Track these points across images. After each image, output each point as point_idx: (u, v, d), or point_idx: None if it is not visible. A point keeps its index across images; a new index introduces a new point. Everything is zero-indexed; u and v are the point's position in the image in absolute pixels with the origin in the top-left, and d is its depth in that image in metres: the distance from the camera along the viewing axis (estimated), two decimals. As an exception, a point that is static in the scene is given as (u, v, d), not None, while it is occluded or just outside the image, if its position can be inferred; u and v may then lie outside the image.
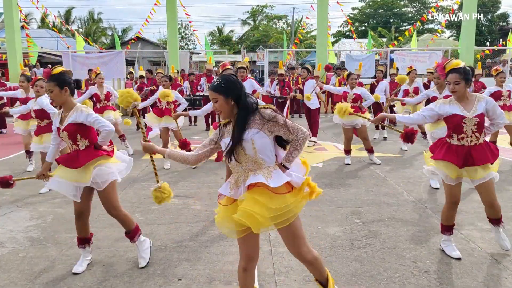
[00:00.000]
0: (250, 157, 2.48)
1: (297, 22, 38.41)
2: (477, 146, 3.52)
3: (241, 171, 2.54)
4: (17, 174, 6.80)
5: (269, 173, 2.47)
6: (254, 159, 2.48)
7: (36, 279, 3.36)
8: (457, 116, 3.52)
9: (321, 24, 16.03)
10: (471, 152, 3.50)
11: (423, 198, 5.40)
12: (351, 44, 29.12)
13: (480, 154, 3.49)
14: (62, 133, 3.39)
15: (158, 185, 3.15)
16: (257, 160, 2.49)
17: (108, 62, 15.53)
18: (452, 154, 3.54)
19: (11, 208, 5.13)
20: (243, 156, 2.49)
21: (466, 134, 3.52)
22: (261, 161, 2.49)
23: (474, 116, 3.49)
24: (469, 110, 3.52)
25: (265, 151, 2.48)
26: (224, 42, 42.11)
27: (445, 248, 3.74)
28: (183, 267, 3.54)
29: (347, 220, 4.59)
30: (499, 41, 27.59)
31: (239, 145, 2.46)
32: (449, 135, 3.63)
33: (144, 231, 4.33)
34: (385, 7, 41.44)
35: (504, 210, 4.73)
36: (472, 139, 3.52)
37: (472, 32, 15.49)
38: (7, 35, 15.77)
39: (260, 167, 2.49)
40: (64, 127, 3.37)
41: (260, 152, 2.47)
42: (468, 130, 3.51)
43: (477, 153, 3.49)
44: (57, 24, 33.11)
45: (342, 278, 3.32)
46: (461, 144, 3.54)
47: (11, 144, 6.21)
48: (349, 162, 7.29)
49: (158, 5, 17.53)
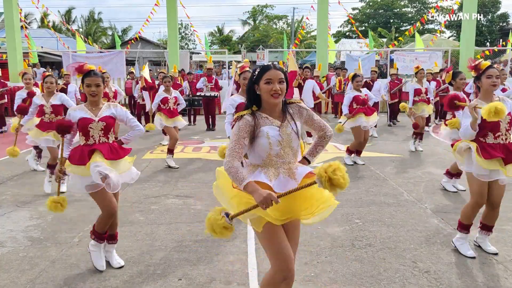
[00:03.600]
0: (294, 149, 2.43)
1: (297, 22, 38.42)
2: (510, 144, 3.55)
3: (280, 163, 2.39)
4: (17, 174, 6.81)
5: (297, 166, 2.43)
6: (295, 151, 2.43)
7: (36, 279, 3.36)
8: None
9: (321, 24, 16.04)
10: (509, 149, 3.53)
11: (423, 198, 5.40)
12: (351, 44, 29.14)
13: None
14: (96, 124, 3.45)
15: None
16: (296, 153, 2.44)
17: (108, 62, 15.53)
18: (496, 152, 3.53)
19: (11, 208, 5.13)
20: (287, 148, 2.40)
21: (501, 132, 3.54)
22: (297, 154, 2.45)
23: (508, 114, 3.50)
24: None
25: (297, 145, 2.45)
26: (224, 42, 42.12)
27: (459, 246, 3.75)
28: (183, 267, 3.54)
29: (347, 220, 4.59)
30: (499, 42, 27.60)
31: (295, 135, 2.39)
32: (483, 134, 3.58)
33: (144, 231, 4.34)
34: (385, 7, 41.45)
35: (505, 211, 4.73)
36: (507, 137, 3.56)
37: (472, 32, 15.49)
38: (7, 35, 15.77)
39: (296, 160, 2.45)
40: (102, 118, 3.49)
41: (299, 145, 2.44)
42: (503, 129, 3.54)
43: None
44: (57, 24, 33.14)
45: (342, 278, 3.32)
46: (497, 143, 3.56)
47: (11, 144, 6.20)
48: (350, 163, 7.28)
49: (158, 5, 17.53)
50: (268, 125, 2.38)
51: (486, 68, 3.58)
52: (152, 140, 9.96)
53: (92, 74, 3.44)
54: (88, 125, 3.44)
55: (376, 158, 7.79)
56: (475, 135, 3.58)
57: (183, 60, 17.15)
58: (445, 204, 5.20)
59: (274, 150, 2.37)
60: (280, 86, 2.33)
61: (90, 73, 3.45)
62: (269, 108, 2.42)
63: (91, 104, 3.53)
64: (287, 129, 2.40)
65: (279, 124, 2.40)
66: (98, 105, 3.55)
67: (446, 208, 5.04)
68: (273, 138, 2.36)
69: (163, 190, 5.86)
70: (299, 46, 25.53)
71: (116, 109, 3.62)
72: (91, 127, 3.45)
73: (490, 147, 3.55)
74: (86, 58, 16.27)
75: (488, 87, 3.57)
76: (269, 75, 2.33)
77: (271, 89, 2.32)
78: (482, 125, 3.56)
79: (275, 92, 2.32)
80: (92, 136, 3.45)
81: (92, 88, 3.43)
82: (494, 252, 3.71)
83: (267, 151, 2.38)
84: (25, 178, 6.51)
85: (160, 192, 5.78)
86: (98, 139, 3.46)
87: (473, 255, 3.63)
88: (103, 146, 3.45)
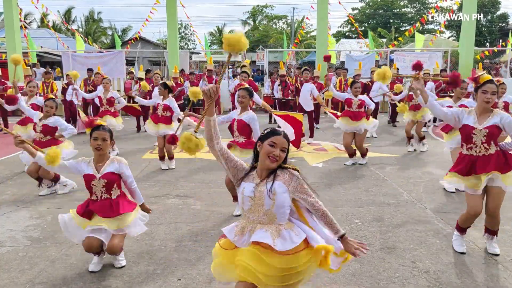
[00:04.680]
0: (264, 209, 2.41)
1: (297, 22, 38.42)
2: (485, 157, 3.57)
3: (251, 220, 2.46)
4: (17, 173, 6.81)
5: (278, 231, 2.38)
6: (268, 212, 2.41)
7: (36, 279, 3.36)
8: (468, 126, 3.59)
9: (321, 24, 16.04)
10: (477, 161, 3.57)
11: (422, 198, 5.40)
12: (351, 44, 29.13)
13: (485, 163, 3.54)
14: (98, 181, 3.48)
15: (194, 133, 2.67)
16: (270, 214, 2.41)
17: (108, 62, 15.52)
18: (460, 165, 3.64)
19: (11, 208, 5.13)
20: (258, 206, 2.42)
21: (475, 144, 3.59)
22: (273, 216, 2.42)
23: (484, 127, 3.54)
24: (480, 122, 3.58)
25: (282, 208, 2.42)
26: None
27: (454, 241, 3.87)
28: (183, 267, 3.54)
29: (347, 220, 4.59)
30: (499, 42, 27.59)
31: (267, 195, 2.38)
32: (462, 145, 3.73)
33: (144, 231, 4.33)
34: (385, 7, 41.45)
35: (505, 211, 4.74)
36: (484, 149, 3.57)
37: (472, 32, 15.49)
38: (7, 34, 15.76)
39: (271, 222, 2.42)
40: (103, 175, 3.49)
41: (277, 207, 2.40)
42: (477, 141, 3.57)
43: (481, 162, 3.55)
44: (57, 24, 33.11)
45: (342, 278, 3.33)
46: (470, 154, 3.62)
47: (11, 143, 6.20)
48: (350, 164, 7.28)
49: (158, 3, 17.51)
50: (249, 181, 2.49)
51: (484, 83, 3.61)
52: (152, 140, 9.95)
53: (100, 129, 3.48)
54: (91, 182, 3.50)
55: (376, 158, 7.79)
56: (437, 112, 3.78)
57: (183, 60, 17.15)
58: (445, 204, 5.20)
59: (246, 205, 2.47)
60: (281, 153, 2.43)
61: (99, 127, 3.49)
62: (260, 168, 2.49)
63: (97, 158, 3.57)
64: (262, 188, 2.42)
65: (258, 182, 2.46)
66: (103, 160, 3.57)
67: (445, 208, 5.05)
68: (246, 194, 2.46)
69: (163, 190, 5.86)
70: (299, 46, 25.53)
71: (121, 164, 3.60)
72: (93, 184, 3.49)
73: (462, 159, 3.66)
74: (86, 58, 16.25)
75: (481, 102, 3.62)
76: (275, 139, 2.43)
77: (271, 152, 2.41)
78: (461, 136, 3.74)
79: (273, 156, 2.41)
80: (95, 192, 3.50)
81: (98, 142, 3.46)
82: (495, 253, 3.71)
83: (241, 205, 2.52)
84: (25, 178, 6.50)
85: (160, 192, 5.78)
86: (100, 196, 3.50)
87: (463, 251, 3.74)
88: (102, 204, 3.47)
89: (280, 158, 2.42)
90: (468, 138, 3.61)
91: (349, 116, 7.17)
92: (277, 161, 2.42)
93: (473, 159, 3.59)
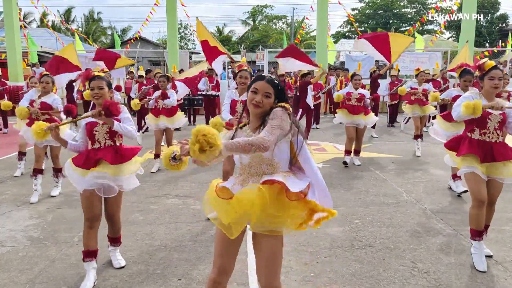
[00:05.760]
0: (265, 159, 2.33)
1: (297, 22, 38.44)
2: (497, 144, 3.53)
3: (253, 173, 2.35)
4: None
5: (285, 177, 2.28)
6: (270, 161, 2.34)
7: (36, 278, 3.36)
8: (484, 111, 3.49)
9: (320, 25, 16.05)
10: (493, 148, 3.51)
11: (422, 198, 5.41)
12: (350, 44, 29.12)
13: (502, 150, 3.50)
14: (101, 127, 3.43)
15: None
16: (273, 163, 2.34)
17: (108, 62, 15.49)
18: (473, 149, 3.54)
19: (11, 208, 5.13)
20: (259, 157, 2.33)
21: (488, 130, 3.53)
22: (277, 164, 2.34)
23: (500, 113, 3.51)
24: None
25: (281, 155, 2.34)
26: (224, 42, 42.12)
27: (473, 255, 3.57)
28: (183, 267, 3.54)
29: (347, 221, 4.60)
30: (499, 43, 27.62)
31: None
32: (471, 129, 3.62)
33: (144, 231, 4.34)
34: (384, 7, 41.47)
35: (505, 211, 4.75)
36: (496, 136, 3.53)
37: (472, 33, 15.50)
38: (7, 34, 15.76)
39: (275, 170, 2.34)
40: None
41: (276, 155, 2.32)
42: (491, 127, 3.53)
43: (498, 149, 3.50)
44: (57, 24, 33.09)
45: (342, 278, 3.33)
46: (482, 139, 3.55)
47: (11, 143, 6.19)
48: (348, 162, 7.29)
49: (158, 4, 17.52)
50: (242, 135, 2.40)
51: (489, 69, 3.54)
52: (152, 140, 9.94)
53: (96, 78, 3.45)
54: (94, 128, 3.45)
55: (376, 159, 7.80)
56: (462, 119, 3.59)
57: (183, 60, 17.16)
58: (445, 204, 5.21)
59: (243, 159, 2.38)
60: (264, 99, 2.31)
61: (94, 77, 3.46)
62: (251, 118, 2.41)
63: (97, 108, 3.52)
64: None
65: (251, 135, 2.35)
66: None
67: (445, 208, 5.05)
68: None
69: (163, 190, 5.86)
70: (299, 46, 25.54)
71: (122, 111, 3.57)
72: (96, 130, 3.45)
73: (471, 143, 3.57)
74: (85, 57, 16.23)
75: (489, 88, 3.56)
76: (256, 85, 2.33)
77: (253, 99, 2.32)
78: (470, 120, 3.59)
79: (255, 103, 2.31)
80: (98, 140, 3.45)
81: (95, 91, 3.43)
82: (488, 255, 3.67)
83: (238, 159, 2.43)
84: (25, 178, 6.50)
85: (160, 192, 5.79)
86: (104, 143, 3.45)
87: (484, 270, 3.41)
88: (108, 150, 3.43)
89: (263, 103, 2.31)
90: (484, 123, 3.53)
91: (347, 109, 7.21)
92: (259, 107, 2.31)
93: (487, 145, 3.52)
